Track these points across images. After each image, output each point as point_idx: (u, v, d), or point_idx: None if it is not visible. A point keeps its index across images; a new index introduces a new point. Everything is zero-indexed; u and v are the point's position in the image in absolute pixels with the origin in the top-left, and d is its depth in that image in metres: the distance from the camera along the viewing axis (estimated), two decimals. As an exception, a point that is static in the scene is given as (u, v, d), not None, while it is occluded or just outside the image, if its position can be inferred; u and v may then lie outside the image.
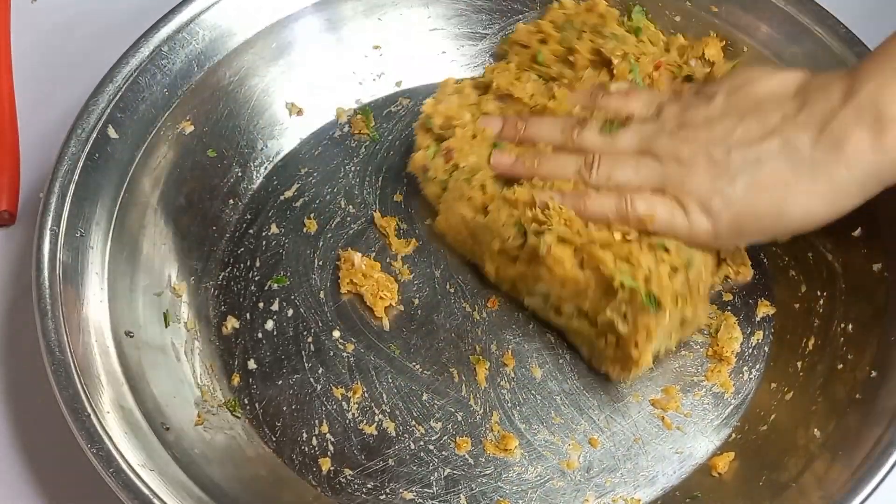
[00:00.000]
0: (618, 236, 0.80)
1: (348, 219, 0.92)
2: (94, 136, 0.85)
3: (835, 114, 0.75)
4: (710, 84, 0.85)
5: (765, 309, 0.87)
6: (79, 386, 0.75)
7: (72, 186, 0.83)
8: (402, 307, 0.89)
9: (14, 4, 1.07)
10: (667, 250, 0.79)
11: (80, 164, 0.84)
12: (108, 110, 0.86)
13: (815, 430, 0.78)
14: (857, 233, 0.84)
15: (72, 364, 0.76)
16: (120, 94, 0.87)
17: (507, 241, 0.84)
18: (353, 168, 0.95)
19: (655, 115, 0.83)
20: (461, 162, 0.87)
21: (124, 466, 0.72)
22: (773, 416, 0.81)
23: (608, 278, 0.78)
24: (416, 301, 0.89)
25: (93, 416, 0.74)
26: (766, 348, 0.86)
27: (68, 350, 0.76)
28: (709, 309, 0.85)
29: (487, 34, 1.00)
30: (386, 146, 0.96)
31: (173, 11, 0.90)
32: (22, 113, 1.01)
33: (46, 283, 0.78)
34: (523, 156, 0.85)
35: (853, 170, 0.74)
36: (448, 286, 0.89)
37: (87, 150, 0.84)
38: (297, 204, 0.93)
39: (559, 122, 0.86)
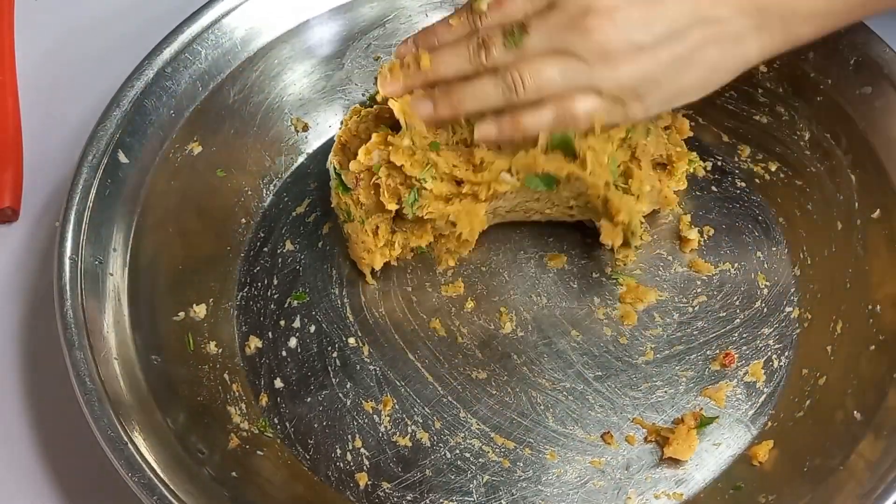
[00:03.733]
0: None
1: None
2: (105, 161, 0.84)
3: None
4: None
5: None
6: (113, 416, 0.73)
7: (87, 214, 0.82)
8: (424, 315, 0.88)
9: (18, 1, 1.07)
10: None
11: (94, 190, 0.83)
12: (117, 135, 0.85)
13: (855, 412, 0.78)
14: (875, 214, 0.85)
15: (104, 393, 0.74)
16: (127, 118, 0.86)
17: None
18: (362, 180, 0.95)
19: (549, 5, 0.74)
20: (363, 199, 0.85)
21: (166, 493, 0.71)
22: (807, 402, 0.81)
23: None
24: (436, 309, 0.88)
25: (130, 445, 0.72)
26: (794, 335, 0.86)
27: (98, 380, 0.75)
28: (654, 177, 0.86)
29: (488, 39, 0.99)
30: (393, 156, 0.96)
31: (175, 32, 0.89)
32: (25, 107, 1.00)
33: (70, 313, 0.77)
34: (440, 97, 0.77)
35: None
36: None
37: (98, 176, 0.83)
38: (310, 219, 0.93)
39: (461, 51, 0.76)
